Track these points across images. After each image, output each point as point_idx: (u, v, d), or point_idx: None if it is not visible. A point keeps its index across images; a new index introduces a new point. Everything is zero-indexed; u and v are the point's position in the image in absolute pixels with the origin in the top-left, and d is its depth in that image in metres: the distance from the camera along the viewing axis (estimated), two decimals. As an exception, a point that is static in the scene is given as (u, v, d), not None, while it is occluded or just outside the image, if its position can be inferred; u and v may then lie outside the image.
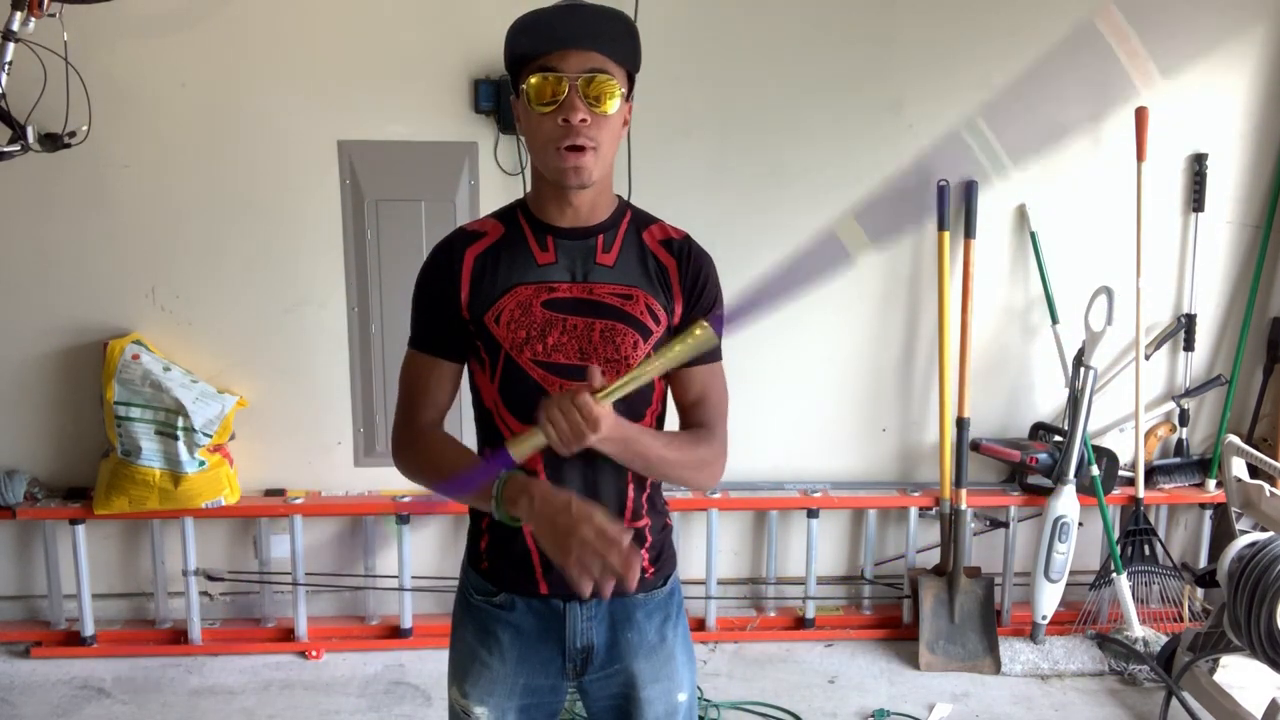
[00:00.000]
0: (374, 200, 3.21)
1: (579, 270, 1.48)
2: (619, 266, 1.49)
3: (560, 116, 1.39)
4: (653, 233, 1.54)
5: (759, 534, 3.52)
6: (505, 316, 1.47)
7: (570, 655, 1.56)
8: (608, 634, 1.56)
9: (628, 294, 1.49)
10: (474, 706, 1.57)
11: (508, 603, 1.55)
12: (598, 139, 1.41)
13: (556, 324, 1.46)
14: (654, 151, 3.19)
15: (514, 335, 1.46)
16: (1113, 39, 3.22)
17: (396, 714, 2.94)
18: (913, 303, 3.41)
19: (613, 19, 1.42)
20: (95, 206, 3.15)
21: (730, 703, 3.02)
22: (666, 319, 1.51)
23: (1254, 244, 3.45)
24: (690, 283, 1.53)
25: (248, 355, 3.27)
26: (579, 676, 1.58)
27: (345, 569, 3.41)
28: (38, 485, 3.25)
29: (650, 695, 1.58)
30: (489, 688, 1.57)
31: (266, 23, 3.09)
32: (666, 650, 1.60)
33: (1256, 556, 2.48)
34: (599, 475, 1.50)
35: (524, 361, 1.47)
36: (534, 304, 1.46)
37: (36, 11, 2.68)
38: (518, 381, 1.47)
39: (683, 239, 1.55)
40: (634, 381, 1.34)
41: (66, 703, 2.98)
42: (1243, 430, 3.51)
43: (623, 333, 1.47)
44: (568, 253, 1.49)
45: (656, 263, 1.52)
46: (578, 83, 1.38)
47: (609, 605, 1.55)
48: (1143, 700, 3.08)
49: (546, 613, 1.54)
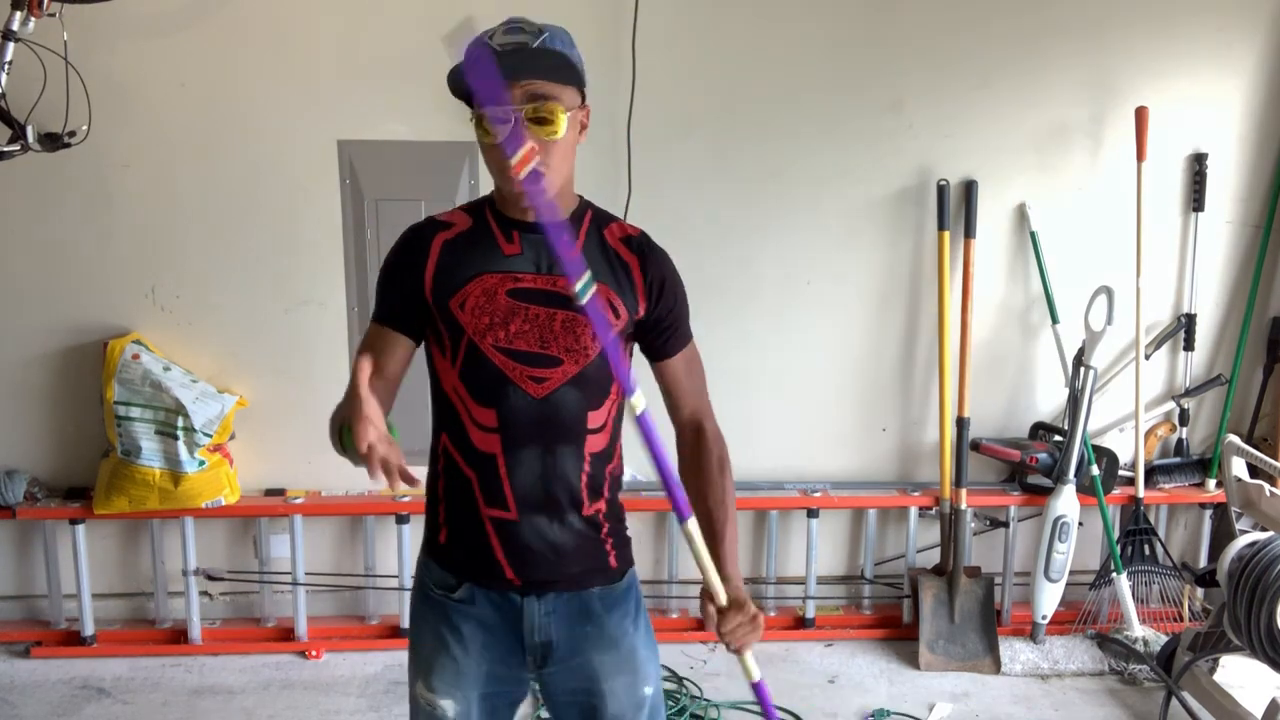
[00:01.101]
0: (374, 200, 3.21)
1: (544, 264, 1.52)
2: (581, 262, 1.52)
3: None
4: (613, 230, 1.59)
5: (759, 534, 3.52)
6: (470, 303, 1.50)
7: (530, 649, 1.58)
8: (567, 628, 1.58)
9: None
10: (440, 700, 1.59)
11: (468, 596, 1.58)
12: (548, 162, 1.44)
13: (519, 312, 1.50)
14: (654, 151, 3.19)
15: (477, 321, 1.50)
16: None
17: (396, 714, 2.94)
18: (913, 303, 3.41)
19: (547, 47, 1.44)
20: (95, 206, 3.15)
21: (730, 703, 3.02)
22: (628, 314, 1.55)
23: (1254, 244, 3.45)
24: (651, 279, 1.57)
25: (248, 355, 3.27)
26: (539, 669, 1.61)
27: (345, 569, 3.42)
28: (38, 485, 3.25)
29: (613, 688, 1.60)
30: (455, 680, 1.59)
31: (266, 23, 3.09)
32: (628, 644, 1.62)
33: (1256, 556, 2.48)
34: (555, 458, 1.53)
35: (486, 347, 1.50)
36: (499, 292, 1.50)
37: (36, 11, 2.68)
38: (479, 366, 1.51)
39: (640, 235, 1.60)
40: (705, 563, 1.47)
41: (66, 703, 2.98)
42: (1243, 430, 3.51)
43: (583, 324, 1.51)
44: (533, 246, 1.52)
45: (618, 259, 1.56)
46: (522, 114, 1.41)
47: (567, 600, 1.57)
48: (1143, 700, 3.08)
49: (505, 606, 1.57)
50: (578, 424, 1.54)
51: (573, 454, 1.54)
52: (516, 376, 1.50)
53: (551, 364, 1.51)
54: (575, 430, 1.54)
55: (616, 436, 1.62)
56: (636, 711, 1.62)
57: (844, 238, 3.36)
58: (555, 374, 1.51)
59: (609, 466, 1.60)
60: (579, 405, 1.53)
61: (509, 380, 1.50)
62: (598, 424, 1.56)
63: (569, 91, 1.46)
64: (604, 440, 1.58)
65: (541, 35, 1.45)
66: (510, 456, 1.52)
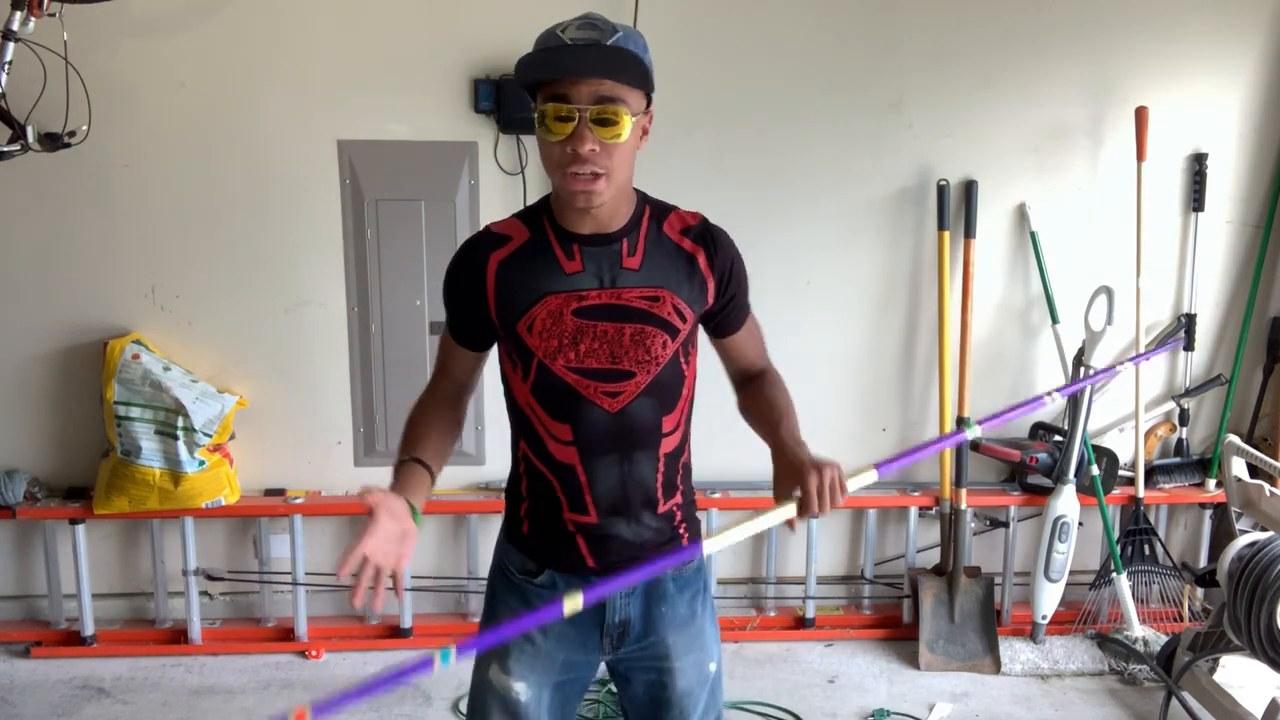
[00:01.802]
0: (374, 200, 3.21)
1: (606, 276, 1.51)
2: (644, 269, 1.53)
3: (570, 146, 1.40)
4: (672, 223, 1.58)
5: (759, 534, 3.51)
6: (538, 326, 1.50)
7: (608, 630, 1.61)
8: (643, 609, 1.62)
9: (654, 295, 1.53)
10: (515, 683, 1.61)
11: (549, 581, 1.60)
12: (608, 166, 1.43)
13: (587, 331, 1.50)
14: (654, 151, 3.12)
15: (547, 344, 1.50)
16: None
17: (397, 714, 2.94)
18: (913, 303, 3.41)
19: (622, 47, 1.41)
20: (95, 206, 3.15)
21: (730, 702, 3.02)
22: (693, 314, 1.56)
23: (1254, 244, 3.45)
24: (719, 269, 1.58)
25: (248, 355, 3.27)
26: (615, 650, 1.64)
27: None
28: (38, 485, 3.25)
29: (683, 665, 1.65)
30: (531, 664, 1.62)
31: (266, 23, 3.09)
32: (697, 623, 1.67)
33: (1256, 556, 2.48)
34: (633, 464, 1.56)
35: (558, 368, 1.51)
36: (564, 313, 1.49)
37: (36, 11, 2.68)
38: (552, 386, 1.52)
39: (700, 223, 1.60)
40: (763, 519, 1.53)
41: (66, 703, 2.98)
42: (1243, 430, 3.51)
43: (651, 335, 1.51)
44: (594, 259, 1.51)
45: (681, 253, 1.56)
46: (588, 113, 1.39)
47: (644, 582, 1.60)
48: (1143, 700, 3.08)
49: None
50: (654, 430, 1.56)
51: (649, 459, 1.57)
52: (590, 394, 1.51)
53: (624, 378, 1.51)
54: (651, 437, 1.56)
55: (688, 432, 1.64)
56: (702, 687, 1.68)
57: (844, 238, 3.36)
58: (629, 386, 1.52)
59: (681, 460, 1.63)
60: (654, 413, 1.55)
61: (583, 397, 1.51)
62: (672, 426, 1.58)
63: (636, 95, 1.44)
64: (677, 439, 1.61)
65: (616, 34, 1.41)
66: (589, 467, 1.54)
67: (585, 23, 1.42)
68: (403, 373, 3.27)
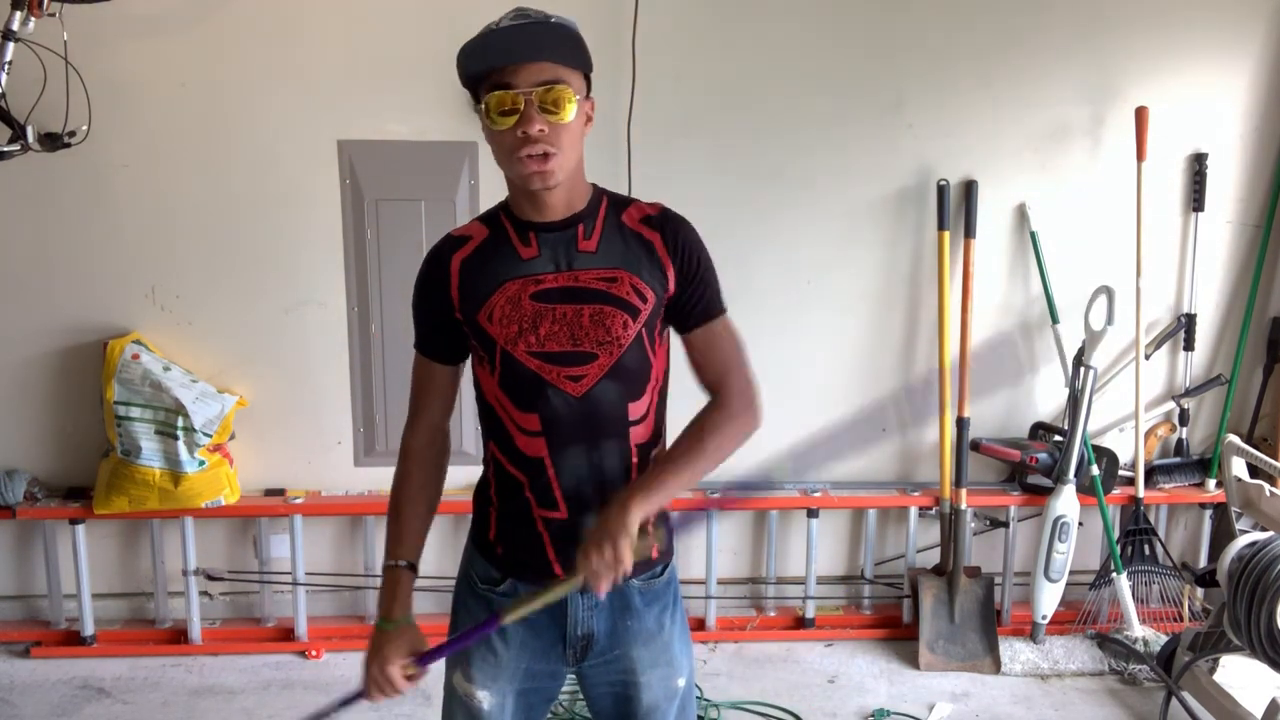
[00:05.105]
0: (374, 200, 3.21)
1: (562, 260, 1.52)
2: (601, 251, 1.53)
3: (519, 129, 1.42)
4: (630, 213, 1.58)
5: (759, 534, 3.52)
6: (497, 314, 1.51)
7: (571, 642, 1.60)
8: (608, 621, 1.60)
9: (612, 276, 1.52)
10: (478, 691, 1.62)
11: (511, 590, 1.60)
12: (558, 144, 1.44)
13: (546, 314, 1.50)
14: (654, 151, 3.19)
15: (507, 330, 1.51)
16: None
17: (397, 714, 2.94)
18: (913, 303, 3.41)
19: (558, 27, 1.45)
20: (95, 206, 3.15)
21: (730, 702, 3.02)
22: (654, 296, 1.54)
23: (1254, 244, 3.45)
24: (678, 249, 1.56)
25: (248, 355, 3.27)
26: (579, 663, 1.63)
27: (345, 569, 3.42)
28: (38, 485, 3.25)
29: (649, 680, 1.63)
30: (493, 673, 1.62)
31: (267, 23, 3.09)
32: (664, 638, 1.64)
33: (1256, 556, 2.48)
34: (601, 455, 1.55)
35: (519, 354, 1.51)
36: (522, 297, 1.50)
37: (36, 11, 2.68)
38: (516, 374, 1.52)
39: (659, 212, 1.59)
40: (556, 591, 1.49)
41: (66, 703, 2.98)
42: (1243, 430, 3.51)
43: (611, 314, 1.51)
44: (550, 245, 1.52)
45: (640, 240, 1.55)
46: (533, 95, 1.42)
47: (610, 593, 1.56)
48: (1143, 700, 3.08)
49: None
50: (620, 417, 1.54)
51: (618, 448, 1.55)
52: (553, 378, 1.51)
53: (586, 360, 1.51)
54: (618, 424, 1.55)
55: (661, 426, 1.63)
56: (669, 702, 1.66)
57: (844, 237, 3.36)
58: (591, 369, 1.51)
59: (654, 453, 1.61)
60: (619, 398, 1.53)
61: (546, 383, 1.51)
62: (639, 415, 1.56)
63: (577, 77, 1.47)
64: (647, 431, 1.59)
65: (549, 18, 1.46)
66: (557, 458, 1.53)
67: (518, 13, 1.46)
68: (403, 372, 3.20)
